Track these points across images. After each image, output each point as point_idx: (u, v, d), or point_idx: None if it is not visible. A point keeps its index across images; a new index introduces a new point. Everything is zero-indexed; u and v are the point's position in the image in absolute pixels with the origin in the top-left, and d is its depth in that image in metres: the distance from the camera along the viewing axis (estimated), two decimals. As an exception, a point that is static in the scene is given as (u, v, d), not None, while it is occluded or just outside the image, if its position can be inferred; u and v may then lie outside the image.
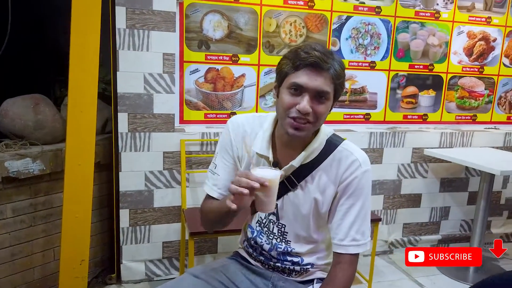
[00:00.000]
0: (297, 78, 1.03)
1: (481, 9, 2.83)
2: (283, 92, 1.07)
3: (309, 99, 1.03)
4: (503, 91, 3.04)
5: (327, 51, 1.05)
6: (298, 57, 1.03)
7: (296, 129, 1.06)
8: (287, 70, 1.06)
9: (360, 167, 1.13)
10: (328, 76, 1.04)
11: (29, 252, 1.96)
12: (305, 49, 1.04)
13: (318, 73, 1.03)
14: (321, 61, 1.02)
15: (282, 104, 1.07)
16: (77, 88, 1.72)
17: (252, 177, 0.96)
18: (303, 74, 1.03)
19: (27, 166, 1.84)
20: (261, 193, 0.98)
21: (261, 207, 1.01)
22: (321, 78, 1.03)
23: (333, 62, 1.04)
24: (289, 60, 1.06)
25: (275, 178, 0.99)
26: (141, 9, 2.06)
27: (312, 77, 1.03)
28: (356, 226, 1.14)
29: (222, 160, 1.24)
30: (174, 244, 2.36)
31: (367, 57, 2.64)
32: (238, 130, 1.22)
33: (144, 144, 2.19)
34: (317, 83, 1.03)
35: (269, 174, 0.99)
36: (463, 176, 2.90)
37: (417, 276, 2.53)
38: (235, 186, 0.96)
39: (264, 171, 1.01)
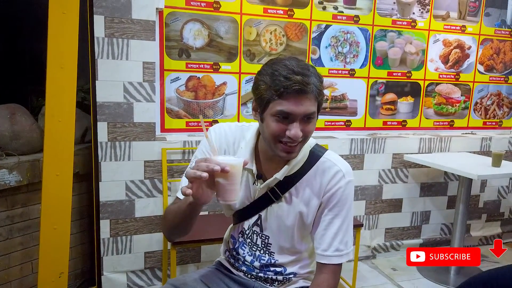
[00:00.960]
0: (282, 106, 1.01)
1: (455, 18, 2.92)
2: (268, 119, 1.04)
3: (298, 125, 1.03)
4: (478, 97, 3.13)
5: (304, 69, 1.02)
6: (279, 83, 1.00)
7: (289, 152, 1.07)
8: (269, 96, 1.02)
9: (343, 177, 1.14)
10: (312, 97, 1.02)
11: (6, 265, 1.91)
12: (283, 73, 1.00)
13: (303, 97, 1.01)
14: (304, 85, 0.99)
15: (270, 131, 1.05)
16: (55, 97, 1.69)
17: (212, 161, 0.92)
18: (288, 102, 1.00)
19: (3, 177, 1.80)
20: (222, 180, 0.93)
21: (224, 195, 0.95)
22: (306, 102, 1.01)
23: (313, 79, 1.01)
24: (269, 86, 1.01)
25: (237, 164, 0.94)
26: (120, 17, 2.05)
27: (298, 103, 1.01)
28: (340, 237, 1.14)
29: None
30: (157, 254, 2.34)
31: (347, 65, 2.68)
32: (221, 138, 1.20)
33: (125, 153, 2.17)
34: (304, 108, 1.01)
35: (231, 160, 0.94)
36: (442, 180, 2.96)
37: (399, 280, 2.55)
38: (193, 171, 0.91)
39: (226, 157, 0.97)
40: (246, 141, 1.17)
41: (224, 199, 0.96)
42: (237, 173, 0.95)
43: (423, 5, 2.80)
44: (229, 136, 1.20)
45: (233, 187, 0.95)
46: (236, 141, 1.20)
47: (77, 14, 1.71)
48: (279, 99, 1.01)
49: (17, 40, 2.43)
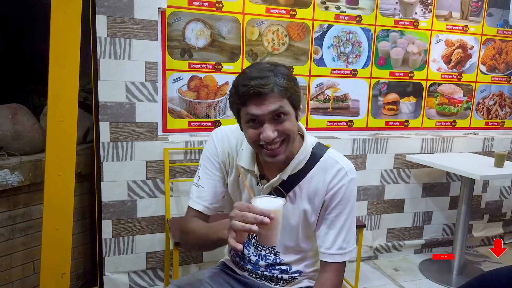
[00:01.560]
0: (248, 111, 1.02)
1: (458, 18, 2.91)
2: (244, 127, 1.07)
3: (268, 125, 1.02)
4: (480, 98, 3.12)
5: (263, 71, 1.02)
6: (240, 92, 1.02)
7: (273, 156, 1.06)
8: (236, 106, 1.05)
9: (346, 175, 1.14)
10: (274, 95, 1.01)
11: (8, 266, 1.90)
12: (242, 82, 1.02)
13: (263, 99, 1.00)
14: (260, 87, 0.99)
15: (249, 139, 1.07)
16: (57, 97, 1.69)
17: (256, 210, 0.91)
18: (251, 106, 1.01)
19: (5, 178, 1.79)
20: (264, 226, 0.91)
21: (267, 241, 0.94)
22: (268, 102, 1.01)
23: (273, 79, 1.01)
24: (235, 97, 1.04)
25: (279, 208, 0.94)
26: (122, 17, 2.04)
27: (260, 104, 1.01)
28: (343, 235, 1.14)
29: (206, 172, 1.21)
30: (159, 255, 2.33)
31: (349, 65, 2.68)
32: (223, 143, 1.21)
33: (127, 154, 2.16)
34: (268, 107, 1.01)
35: (272, 205, 0.93)
36: (445, 181, 2.96)
37: (402, 281, 2.55)
38: (241, 223, 0.90)
39: (266, 201, 0.95)
40: (246, 143, 1.17)
41: (267, 243, 0.96)
42: (280, 217, 0.94)
43: (426, 5, 2.79)
44: (231, 138, 1.21)
45: (276, 231, 0.95)
46: (238, 142, 1.20)
47: (79, 14, 1.70)
48: (244, 106, 1.03)
49: (19, 39, 2.42)
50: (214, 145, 1.21)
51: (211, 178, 1.21)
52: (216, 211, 1.25)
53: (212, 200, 1.21)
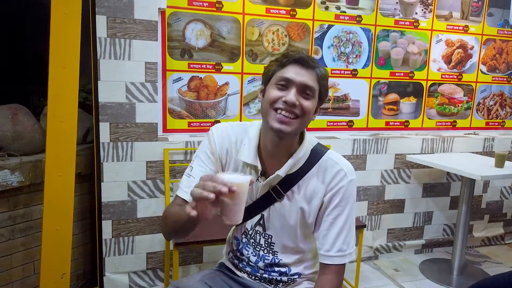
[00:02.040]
0: (284, 73, 1.07)
1: (458, 18, 2.91)
2: (270, 88, 1.10)
3: (295, 92, 1.06)
4: (481, 98, 3.12)
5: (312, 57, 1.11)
6: (286, 55, 1.09)
7: (282, 122, 1.05)
8: (274, 68, 1.10)
9: (346, 176, 1.13)
10: (314, 74, 1.08)
11: (8, 266, 1.90)
12: (293, 51, 1.11)
13: (304, 69, 1.07)
14: (308, 58, 1.07)
15: (268, 98, 1.08)
16: (57, 98, 1.69)
17: (218, 180, 0.87)
18: (290, 69, 1.07)
19: (5, 178, 1.79)
20: (228, 200, 0.88)
21: (229, 216, 0.90)
22: (307, 74, 1.07)
23: (318, 65, 1.10)
24: (277, 61, 1.10)
25: (244, 182, 0.90)
26: (122, 18, 2.04)
27: (299, 72, 1.07)
28: (342, 237, 1.14)
29: (201, 164, 1.18)
30: (159, 255, 2.33)
31: (349, 65, 2.68)
32: (223, 138, 1.20)
33: (127, 154, 2.16)
34: (304, 78, 1.06)
35: (238, 178, 0.90)
36: (445, 181, 2.95)
37: (402, 281, 2.55)
38: (200, 190, 0.86)
39: (232, 176, 0.91)
40: (249, 138, 1.17)
41: (229, 219, 0.91)
42: (244, 193, 0.90)
43: (426, 5, 2.79)
44: (231, 135, 1.20)
45: (239, 207, 0.90)
46: (238, 139, 1.20)
47: (79, 14, 1.70)
48: (283, 68, 1.08)
49: (19, 40, 2.42)
50: (213, 140, 1.19)
51: (204, 171, 1.17)
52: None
53: None
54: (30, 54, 2.40)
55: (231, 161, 1.20)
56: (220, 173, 0.92)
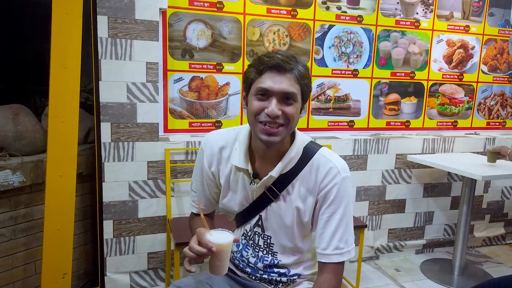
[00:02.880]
0: (262, 83, 1.04)
1: (459, 18, 2.90)
2: (251, 99, 1.08)
3: (276, 102, 1.04)
4: (482, 98, 3.12)
5: (289, 55, 1.07)
6: (261, 61, 1.05)
7: (269, 134, 1.06)
8: (252, 77, 1.07)
9: (338, 174, 1.12)
10: (292, 77, 1.04)
11: (10, 266, 1.91)
12: (267, 55, 1.06)
13: (281, 74, 1.04)
14: (284, 62, 1.03)
15: (251, 110, 1.07)
16: (58, 98, 1.69)
17: (202, 241, 1.00)
18: (267, 78, 1.04)
19: (6, 178, 1.80)
20: (213, 257, 1.02)
21: (213, 269, 1.04)
22: (285, 80, 1.04)
23: (296, 64, 1.05)
24: (254, 67, 1.07)
25: (225, 243, 1.01)
26: (123, 18, 2.04)
27: (277, 79, 1.03)
28: (339, 234, 1.13)
29: (197, 178, 1.29)
30: (160, 255, 2.33)
31: (350, 65, 2.68)
32: (212, 147, 1.22)
33: (128, 154, 2.17)
34: (282, 85, 1.03)
35: (220, 240, 1.01)
36: (446, 181, 2.95)
37: (403, 281, 2.55)
38: (187, 251, 1.01)
39: (218, 234, 1.03)
40: (240, 142, 1.18)
41: (213, 272, 1.04)
42: (225, 251, 1.02)
43: (427, 5, 2.79)
44: (220, 141, 1.22)
45: (221, 263, 1.03)
46: (228, 145, 1.21)
47: (80, 15, 1.71)
48: (260, 76, 1.05)
49: (20, 40, 2.42)
50: (202, 152, 1.25)
51: (200, 185, 1.28)
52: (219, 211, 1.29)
53: (206, 203, 1.31)
54: (31, 54, 2.41)
55: (221, 168, 1.22)
56: (209, 232, 1.03)
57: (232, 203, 1.22)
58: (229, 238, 1.03)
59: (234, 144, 1.19)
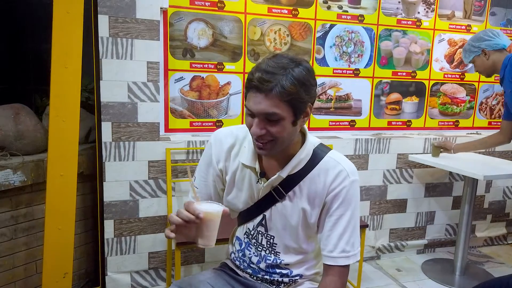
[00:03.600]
0: (247, 101, 1.04)
1: (460, 17, 2.90)
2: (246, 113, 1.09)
3: (258, 122, 1.02)
4: (484, 97, 3.11)
5: (275, 68, 0.98)
6: (248, 77, 1.03)
7: (260, 148, 1.07)
8: (246, 90, 1.06)
9: (348, 177, 1.12)
10: (273, 97, 0.98)
11: (11, 265, 1.91)
12: (252, 71, 1.02)
13: (262, 95, 0.99)
14: (261, 83, 0.97)
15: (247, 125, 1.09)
16: (59, 97, 1.69)
17: (190, 208, 0.96)
18: (250, 97, 1.02)
19: (7, 178, 1.80)
20: (200, 226, 0.99)
21: (199, 240, 1.00)
22: (265, 101, 0.99)
23: (280, 78, 0.97)
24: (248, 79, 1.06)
25: (213, 212, 0.99)
26: (124, 17, 2.04)
27: (256, 100, 1.00)
28: (346, 237, 1.12)
29: (201, 174, 1.26)
30: (161, 255, 2.33)
31: (351, 65, 2.67)
32: (221, 143, 1.21)
33: (129, 154, 2.17)
34: (261, 106, 1.00)
35: (209, 208, 0.99)
36: (447, 181, 2.94)
37: (404, 281, 2.54)
38: (173, 216, 0.97)
39: (207, 205, 1.02)
40: (249, 140, 1.17)
41: (201, 243, 1.01)
42: (214, 221, 1.00)
43: (428, 5, 2.78)
44: (230, 138, 1.21)
45: (209, 233, 1.00)
46: (237, 143, 1.20)
47: (81, 14, 1.70)
48: (247, 94, 1.04)
49: (21, 39, 2.42)
50: (211, 148, 1.23)
51: (204, 180, 1.25)
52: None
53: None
54: (32, 53, 2.41)
55: (228, 165, 1.21)
56: (198, 202, 1.01)
57: (237, 200, 1.22)
58: (218, 208, 1.01)
59: (244, 142, 1.19)
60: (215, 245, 1.02)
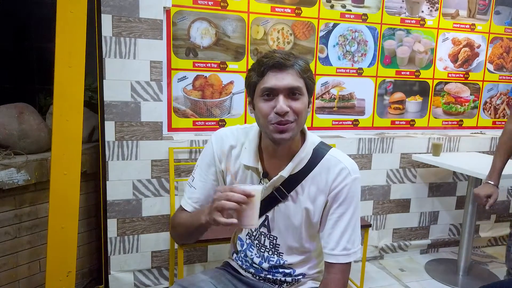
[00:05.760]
0: (266, 83, 1.04)
1: (465, 16, 2.88)
2: (257, 101, 1.07)
3: (283, 99, 1.04)
4: (488, 97, 3.09)
5: (287, 52, 1.08)
6: (261, 63, 1.05)
7: (281, 132, 1.05)
8: (254, 80, 1.07)
9: (349, 175, 1.12)
10: (294, 72, 1.05)
11: (14, 264, 1.92)
12: (266, 56, 1.06)
13: (284, 71, 1.04)
14: (284, 59, 1.04)
15: (260, 113, 1.06)
16: (63, 97, 1.69)
17: (237, 190, 0.96)
18: (270, 78, 1.04)
19: (11, 176, 1.80)
20: (245, 207, 0.98)
21: (246, 221, 0.99)
22: (288, 76, 1.04)
23: (295, 59, 1.06)
24: (254, 71, 1.07)
25: (259, 190, 0.99)
26: (127, 17, 2.05)
27: (279, 76, 1.04)
28: (347, 235, 1.13)
29: (201, 174, 1.22)
30: (163, 254, 2.33)
31: (355, 64, 2.66)
32: (222, 144, 1.20)
33: (132, 153, 2.17)
34: (286, 81, 1.04)
35: (254, 187, 0.99)
36: (451, 180, 2.93)
37: (407, 281, 2.53)
38: (226, 202, 0.95)
39: (249, 186, 1.01)
40: (249, 141, 1.17)
41: (247, 224, 1.00)
42: (258, 199, 0.99)
43: (432, 3, 2.77)
44: (231, 140, 1.20)
45: (255, 212, 0.99)
46: (238, 143, 1.20)
47: (84, 13, 1.71)
48: (262, 78, 1.05)
49: (25, 39, 2.43)
50: (211, 148, 1.21)
51: (204, 180, 1.21)
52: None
53: (203, 202, 1.21)
54: (36, 53, 2.41)
55: (230, 166, 1.20)
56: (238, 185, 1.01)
57: None
58: (259, 187, 1.01)
59: (244, 143, 1.19)
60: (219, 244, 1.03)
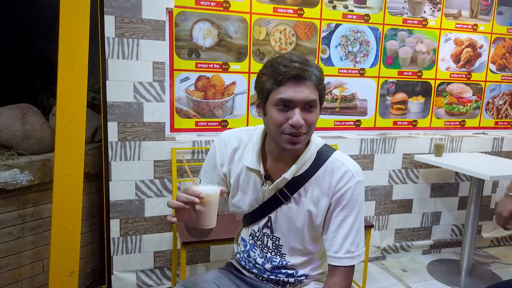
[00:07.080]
0: (282, 94, 1.02)
1: (467, 17, 2.88)
2: (270, 110, 1.06)
3: (299, 112, 1.03)
4: (490, 97, 3.09)
5: (304, 59, 1.05)
6: (278, 72, 1.02)
7: (294, 143, 1.05)
8: (269, 87, 1.04)
9: (353, 177, 1.12)
10: (311, 85, 1.03)
11: (18, 264, 1.92)
12: (283, 63, 1.02)
13: (302, 84, 1.02)
14: (303, 71, 1.01)
15: (273, 122, 1.05)
16: (66, 97, 1.70)
17: (189, 191, 0.99)
18: (287, 89, 1.02)
19: (14, 177, 1.81)
20: (200, 207, 1.01)
21: (200, 221, 1.02)
22: (306, 89, 1.02)
23: (312, 69, 1.04)
24: (269, 77, 1.04)
25: (212, 192, 1.01)
26: (130, 17, 2.05)
27: (298, 89, 1.02)
28: (351, 238, 1.12)
29: (206, 176, 1.25)
30: (166, 254, 2.34)
31: (357, 64, 2.66)
32: (226, 146, 1.21)
33: (135, 153, 2.17)
34: (303, 94, 1.02)
35: (207, 189, 1.02)
36: (453, 181, 2.93)
37: (410, 281, 2.53)
38: (172, 201, 1.00)
39: (206, 186, 1.04)
40: (253, 143, 1.17)
41: (201, 224, 1.03)
42: (213, 202, 1.02)
43: (435, 4, 2.77)
44: (234, 141, 1.21)
45: (210, 214, 1.02)
46: (241, 145, 1.20)
47: (87, 14, 1.71)
48: (279, 87, 1.03)
49: (28, 40, 2.44)
50: (215, 151, 1.23)
51: (210, 182, 1.25)
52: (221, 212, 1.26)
53: None
54: (39, 54, 2.42)
55: (232, 168, 1.21)
56: (196, 185, 1.04)
57: (242, 203, 1.22)
58: (216, 188, 1.03)
59: (247, 145, 1.19)
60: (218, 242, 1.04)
